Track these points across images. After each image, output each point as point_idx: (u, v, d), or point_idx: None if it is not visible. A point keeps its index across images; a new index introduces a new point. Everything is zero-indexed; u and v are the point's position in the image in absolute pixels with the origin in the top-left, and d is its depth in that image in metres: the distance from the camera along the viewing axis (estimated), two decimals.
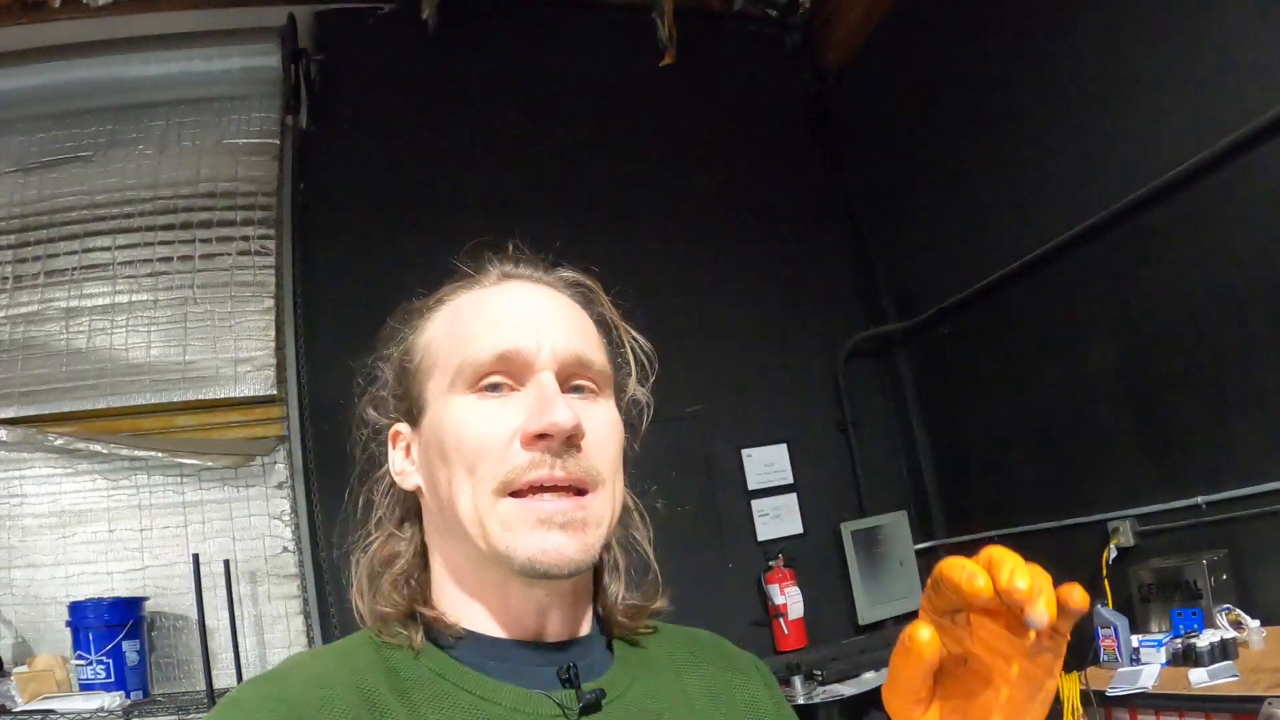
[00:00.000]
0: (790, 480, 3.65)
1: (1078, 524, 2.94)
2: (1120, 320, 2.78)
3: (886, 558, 3.71)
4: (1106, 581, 2.76)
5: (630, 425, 0.68)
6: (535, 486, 0.57)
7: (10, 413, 3.10)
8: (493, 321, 0.62)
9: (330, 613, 3.08)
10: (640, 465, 3.17)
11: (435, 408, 0.62)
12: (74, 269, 3.21)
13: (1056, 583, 0.44)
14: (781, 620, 3.46)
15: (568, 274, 0.70)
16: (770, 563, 3.49)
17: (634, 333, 0.72)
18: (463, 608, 0.62)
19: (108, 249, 3.20)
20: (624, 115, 3.62)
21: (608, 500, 0.61)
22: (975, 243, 3.33)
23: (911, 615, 2.43)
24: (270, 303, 3.09)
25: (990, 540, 2.82)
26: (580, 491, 0.58)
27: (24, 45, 3.39)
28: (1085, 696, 2.42)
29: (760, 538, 3.60)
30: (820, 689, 3.02)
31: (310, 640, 3.06)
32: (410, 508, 0.67)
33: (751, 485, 3.58)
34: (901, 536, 3.75)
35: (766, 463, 3.60)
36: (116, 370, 3.08)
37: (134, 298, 3.14)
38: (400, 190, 3.34)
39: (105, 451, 3.04)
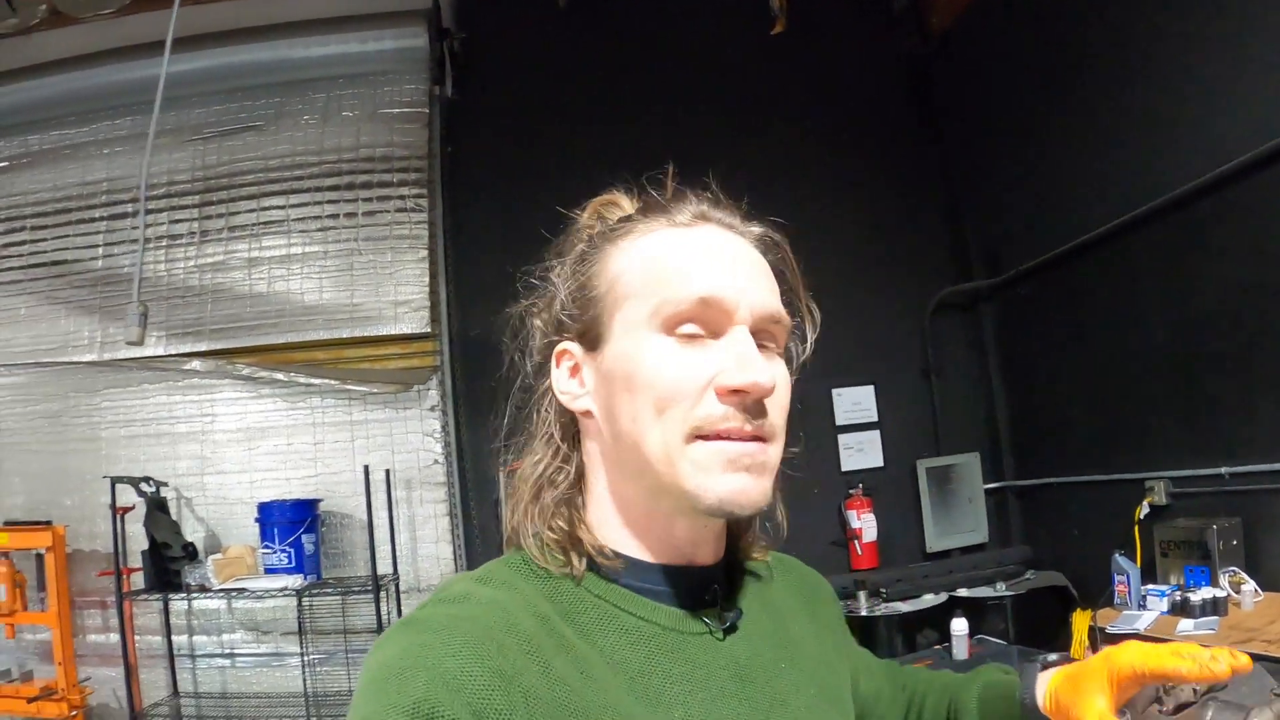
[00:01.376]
0: (875, 418, 3.96)
1: (1121, 479, 3.16)
2: (1170, 300, 2.97)
3: (957, 494, 3.97)
4: (1137, 532, 2.98)
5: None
6: (722, 435, 0.59)
7: (203, 347, 3.63)
8: (694, 265, 0.61)
9: (471, 514, 3.56)
10: None
11: (624, 340, 0.62)
12: (253, 225, 3.69)
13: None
14: (856, 542, 3.79)
15: (757, 227, 0.69)
16: (851, 491, 3.81)
17: (807, 295, 0.72)
18: (622, 534, 0.63)
19: (282, 207, 3.67)
20: (734, 79, 3.90)
21: (779, 451, 0.64)
22: (1056, 211, 3.50)
23: (976, 548, 2.91)
24: (424, 253, 3.54)
25: (1049, 486, 3.16)
26: (760, 439, 0.61)
27: (198, 30, 3.84)
28: (1092, 632, 2.71)
29: (844, 468, 3.93)
30: (882, 605, 3.36)
31: (455, 537, 3.55)
32: (569, 429, 0.67)
33: (839, 421, 3.92)
34: (972, 476, 3.99)
35: (854, 401, 3.93)
36: (293, 311, 3.57)
37: (306, 249, 3.62)
38: (536, 150, 3.71)
39: (284, 379, 3.55)
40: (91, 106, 3.99)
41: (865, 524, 3.80)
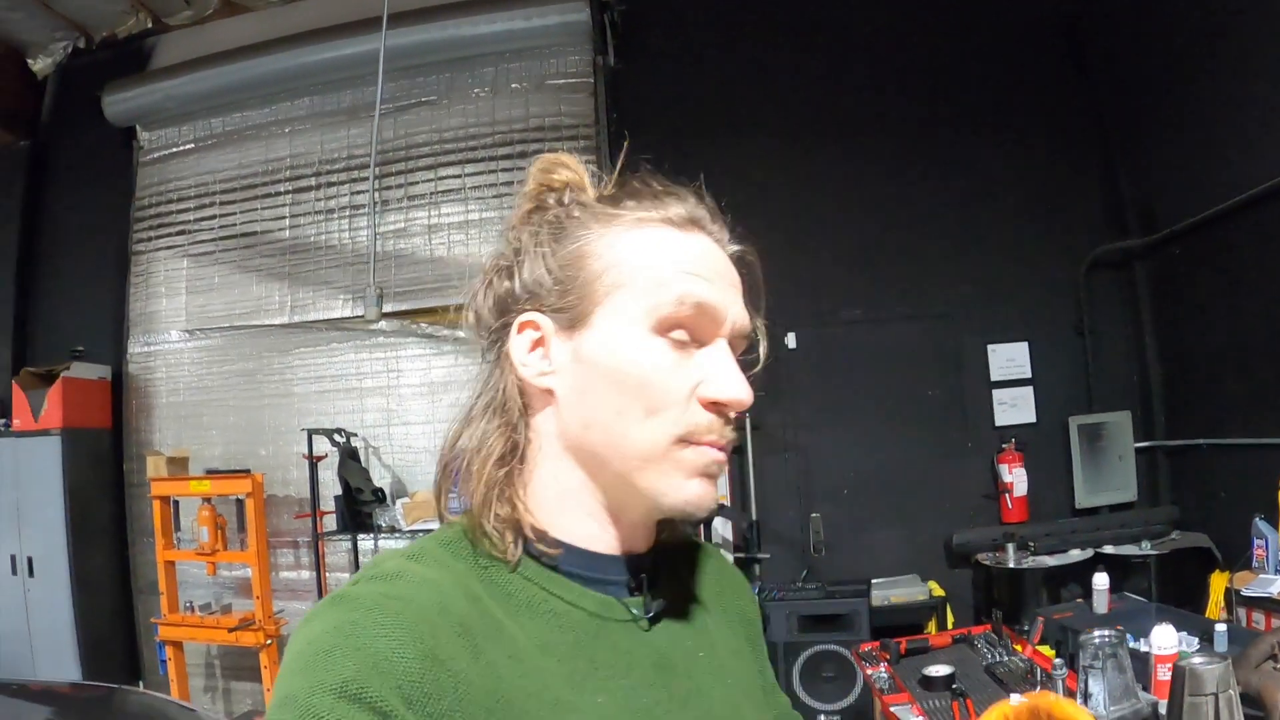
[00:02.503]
0: (1028, 375, 3.97)
1: (1269, 444, 3.11)
2: None
3: (1107, 451, 3.95)
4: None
5: None
6: (705, 444, 0.60)
7: (389, 308, 3.88)
8: (694, 272, 0.61)
9: None
10: (894, 355, 3.76)
11: (612, 331, 0.60)
12: (430, 193, 3.92)
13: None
14: (1007, 496, 3.82)
15: (735, 245, 0.68)
16: (1003, 445, 3.83)
17: (763, 317, 0.70)
18: (561, 518, 0.62)
19: (457, 176, 3.89)
20: (891, 39, 3.94)
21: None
22: (1212, 169, 3.41)
23: (1125, 506, 2.90)
24: None
25: (1197, 447, 3.11)
26: (724, 449, 0.62)
27: (369, 14, 4.06)
28: (1228, 594, 2.69)
29: (997, 423, 3.96)
30: (1029, 558, 3.40)
31: None
32: (515, 402, 0.63)
33: (994, 377, 3.95)
34: (1123, 434, 3.95)
35: (1008, 357, 3.96)
36: (472, 273, 3.76)
37: (482, 215, 3.83)
38: (699, 114, 3.83)
39: (465, 337, 3.77)
40: (272, 90, 4.27)
41: (1016, 478, 3.83)
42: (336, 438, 3.79)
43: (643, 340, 0.59)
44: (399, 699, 0.47)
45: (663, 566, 0.67)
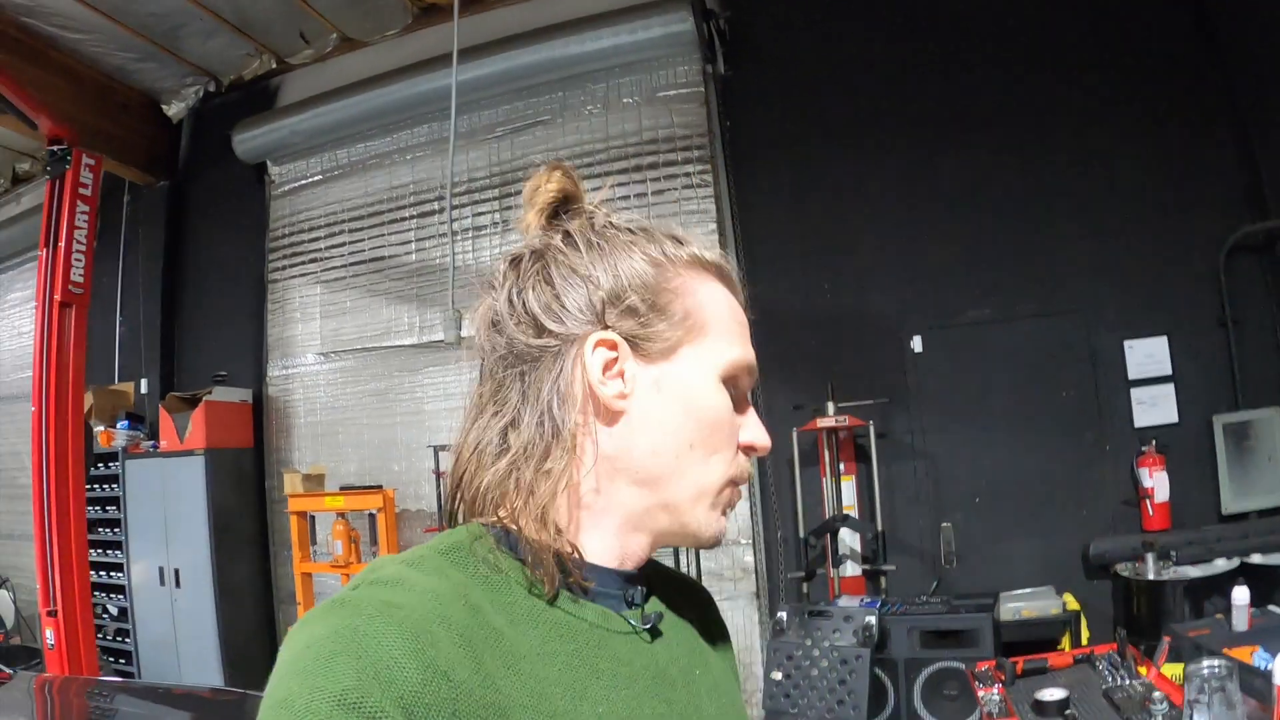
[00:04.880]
0: (1169, 371, 3.77)
1: None
2: None
3: (1256, 452, 3.72)
4: None
5: None
6: (735, 482, 0.66)
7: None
8: (745, 330, 0.67)
9: (767, 474, 3.71)
10: (1024, 354, 3.57)
11: (696, 370, 0.63)
12: None
13: None
14: (1148, 502, 3.62)
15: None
16: (1143, 448, 3.63)
17: None
18: (586, 535, 0.63)
19: None
20: (1005, 22, 3.83)
21: None
22: None
23: (1276, 511, 2.69)
24: (713, 226, 3.75)
25: None
26: None
27: (481, 40, 4.21)
28: None
29: (1136, 424, 3.77)
30: (1170, 568, 3.19)
31: (751, 497, 3.71)
32: (570, 418, 0.62)
33: (1131, 375, 3.77)
34: (1274, 432, 3.69)
35: (1147, 354, 3.78)
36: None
37: None
38: (814, 117, 3.83)
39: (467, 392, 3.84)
40: (392, 120, 4.47)
41: (1157, 483, 3.64)
42: None
43: (715, 386, 0.63)
44: (398, 710, 0.47)
45: (655, 583, 0.69)
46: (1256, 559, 3.28)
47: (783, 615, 3.11)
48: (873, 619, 3.01)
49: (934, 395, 3.80)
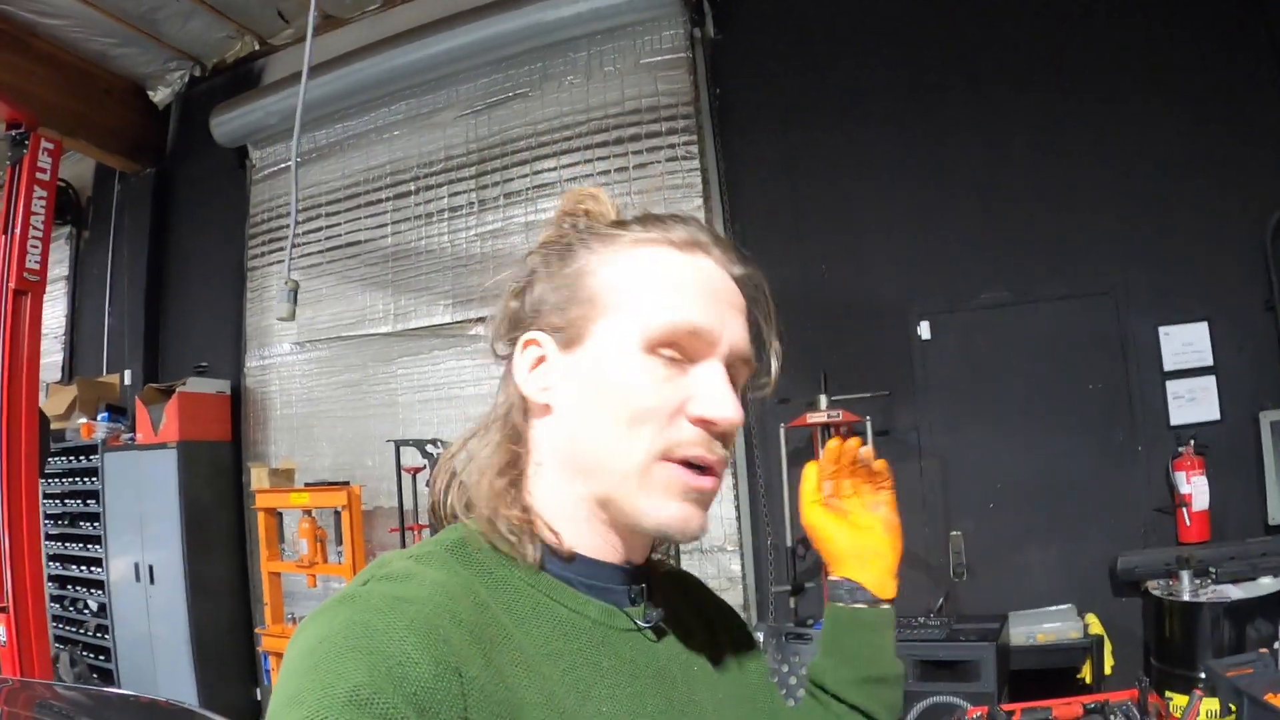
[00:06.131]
0: (1209, 362, 3.38)
1: None
2: None
3: None
4: None
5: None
6: (689, 460, 0.61)
7: (487, 312, 3.75)
8: (687, 292, 0.62)
9: (757, 471, 3.42)
10: (1046, 341, 3.11)
11: (604, 349, 0.62)
12: (527, 189, 3.78)
13: None
14: (1185, 510, 3.24)
15: (740, 268, 0.68)
16: (1180, 449, 3.27)
17: (776, 340, 0.71)
18: (567, 528, 0.63)
19: (554, 169, 3.73)
20: None
21: (722, 481, 0.66)
22: None
23: None
24: (699, 201, 3.45)
25: None
26: (714, 472, 0.63)
27: (459, 8, 3.99)
28: None
29: (1173, 422, 3.39)
30: (1209, 588, 2.83)
31: (736, 495, 3.45)
32: (521, 416, 0.66)
33: (1167, 365, 3.38)
34: None
35: (1185, 342, 3.38)
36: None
37: None
38: (808, 79, 3.51)
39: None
40: (369, 97, 4.28)
41: (1196, 488, 3.26)
42: (430, 448, 3.68)
43: (632, 358, 0.61)
44: (410, 707, 0.47)
45: (656, 579, 0.69)
46: None
47: (759, 635, 2.81)
48: None
49: (943, 388, 3.46)
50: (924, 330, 3.44)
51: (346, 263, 4.24)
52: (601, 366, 0.61)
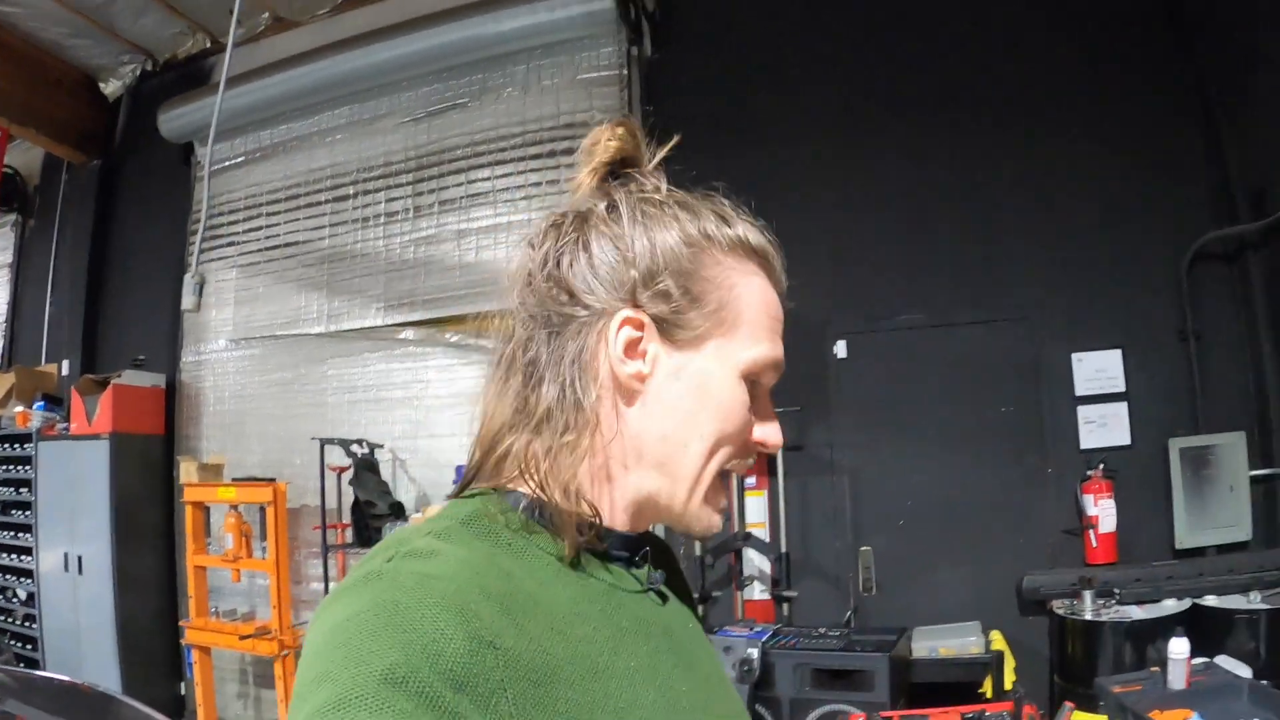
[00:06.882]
0: (1121, 388, 3.48)
1: None
2: None
3: (1216, 480, 3.41)
4: None
5: None
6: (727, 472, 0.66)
7: (416, 316, 3.79)
8: (777, 329, 0.67)
9: None
10: (961, 364, 3.18)
11: (719, 364, 0.64)
12: (461, 198, 3.82)
13: None
14: (1092, 532, 3.31)
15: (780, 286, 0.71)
16: (1089, 472, 3.34)
17: None
18: (604, 508, 0.64)
19: (488, 179, 3.78)
20: (958, 11, 3.57)
21: None
22: None
23: (1238, 546, 2.29)
24: None
25: None
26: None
27: (406, 17, 4.03)
28: None
29: (1083, 445, 3.47)
30: (1112, 608, 2.89)
31: None
32: (593, 393, 0.63)
33: (1079, 390, 3.46)
34: (1236, 459, 3.39)
35: (1097, 368, 3.47)
36: (500, 279, 3.66)
37: (511, 218, 3.69)
38: (741, 100, 3.58)
39: (491, 345, 3.64)
40: (312, 101, 4.31)
41: (1103, 511, 3.34)
42: (354, 449, 3.71)
43: (733, 379, 0.63)
44: (447, 685, 0.46)
45: (652, 547, 0.71)
46: (1210, 601, 2.94)
47: None
48: (754, 651, 2.73)
49: (857, 406, 3.52)
50: (840, 349, 3.51)
51: (284, 263, 4.26)
52: (715, 380, 0.63)
